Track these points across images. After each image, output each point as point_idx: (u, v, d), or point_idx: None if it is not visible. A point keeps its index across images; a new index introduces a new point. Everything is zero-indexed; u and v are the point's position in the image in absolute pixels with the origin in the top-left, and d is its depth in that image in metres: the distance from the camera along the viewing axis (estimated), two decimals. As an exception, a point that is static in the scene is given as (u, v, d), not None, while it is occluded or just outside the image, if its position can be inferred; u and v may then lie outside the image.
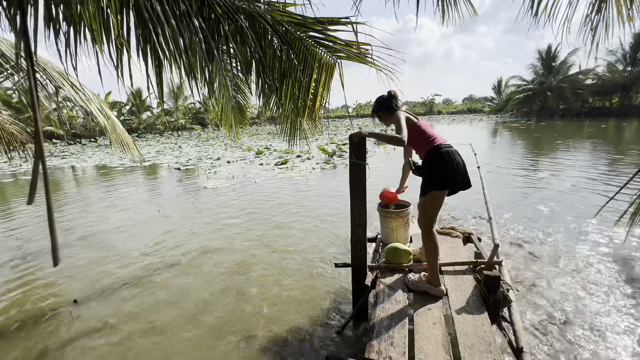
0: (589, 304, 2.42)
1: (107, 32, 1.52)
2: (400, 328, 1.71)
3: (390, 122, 2.18)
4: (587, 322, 2.22)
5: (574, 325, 2.20)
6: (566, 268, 2.93)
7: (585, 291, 2.57)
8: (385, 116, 2.20)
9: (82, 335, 2.35)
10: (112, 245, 4.00)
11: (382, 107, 2.19)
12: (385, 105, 2.18)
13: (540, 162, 8.13)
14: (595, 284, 2.66)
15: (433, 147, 1.97)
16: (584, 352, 1.97)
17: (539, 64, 28.70)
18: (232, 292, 2.81)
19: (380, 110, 2.21)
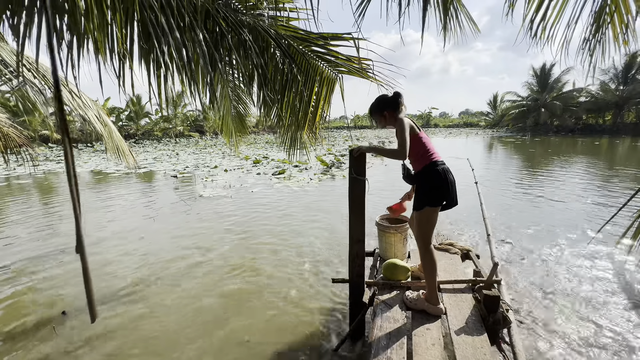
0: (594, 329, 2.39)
1: (111, 42, 1.51)
2: (398, 348, 1.67)
3: (391, 125, 2.09)
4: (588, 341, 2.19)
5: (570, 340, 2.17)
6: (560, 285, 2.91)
7: (592, 315, 2.55)
8: (389, 117, 2.08)
9: (67, 348, 2.27)
10: (104, 254, 3.91)
11: (387, 106, 2.07)
12: (392, 105, 2.07)
13: (536, 178, 8.20)
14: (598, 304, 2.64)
15: (431, 162, 1.96)
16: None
17: (534, 81, 29.36)
18: (221, 310, 2.75)
19: (385, 109, 2.08)
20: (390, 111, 2.07)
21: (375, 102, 2.15)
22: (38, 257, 3.86)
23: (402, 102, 2.08)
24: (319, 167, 10.42)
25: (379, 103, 2.12)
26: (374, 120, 2.18)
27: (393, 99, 2.08)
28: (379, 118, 2.13)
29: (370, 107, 2.17)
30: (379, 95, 2.15)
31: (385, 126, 2.14)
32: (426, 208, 1.95)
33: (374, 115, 2.16)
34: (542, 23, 2.12)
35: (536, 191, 6.61)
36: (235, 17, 2.17)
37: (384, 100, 2.11)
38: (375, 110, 2.14)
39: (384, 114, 2.09)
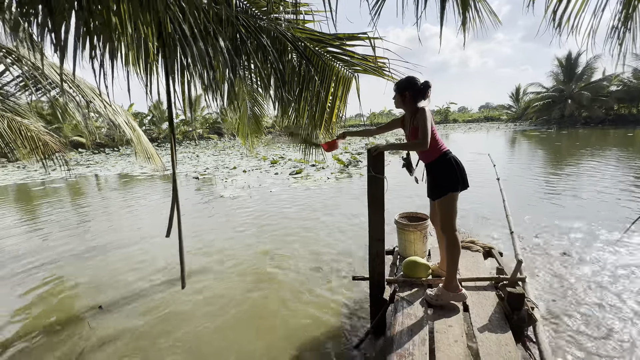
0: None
1: (144, 54, 1.61)
2: (420, 345, 1.68)
3: (406, 108, 2.11)
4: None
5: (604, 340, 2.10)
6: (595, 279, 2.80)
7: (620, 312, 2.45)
8: (408, 99, 2.07)
9: (101, 343, 2.43)
10: (138, 254, 4.12)
11: (412, 89, 2.06)
12: (417, 90, 2.06)
13: (563, 172, 7.86)
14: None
15: (443, 152, 2.05)
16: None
17: (559, 70, 28.01)
18: (249, 308, 2.85)
19: (408, 90, 2.06)
20: (412, 95, 2.06)
21: (404, 80, 2.12)
22: (72, 255, 4.12)
23: (428, 94, 2.08)
24: (335, 166, 10.44)
25: (406, 82, 2.10)
26: (394, 98, 2.17)
27: (421, 86, 2.07)
28: (399, 97, 2.12)
29: (397, 82, 2.14)
30: (410, 76, 2.13)
31: (399, 106, 2.15)
32: (449, 194, 2.03)
33: (396, 91, 2.14)
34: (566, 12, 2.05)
35: (563, 186, 6.34)
36: (254, 23, 2.24)
37: (412, 82, 2.09)
38: (400, 87, 2.12)
39: (405, 94, 2.08)
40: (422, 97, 2.07)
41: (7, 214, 6.75)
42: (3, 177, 12.55)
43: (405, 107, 2.13)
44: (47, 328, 2.64)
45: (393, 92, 2.15)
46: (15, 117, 4.26)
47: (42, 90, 3.28)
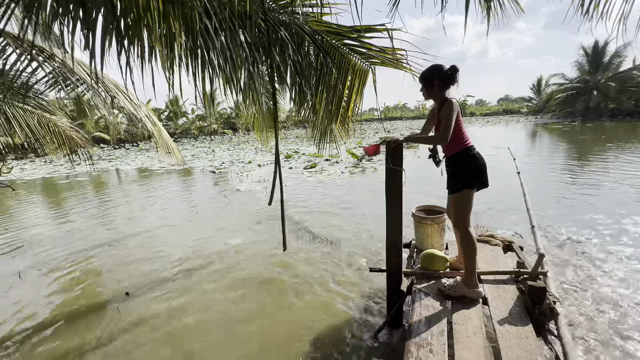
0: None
1: (171, 51, 1.67)
2: (439, 335, 1.70)
3: (434, 98, 2.04)
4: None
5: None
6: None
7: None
8: (436, 88, 1.99)
9: (131, 326, 2.56)
10: (160, 243, 4.28)
11: (440, 76, 1.98)
12: (445, 76, 1.97)
13: (587, 166, 7.56)
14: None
15: (467, 147, 2.01)
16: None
17: (584, 60, 26.70)
18: (267, 296, 2.92)
19: (436, 79, 1.98)
20: (440, 82, 1.99)
21: (429, 68, 2.04)
22: (97, 244, 4.32)
23: (456, 78, 1.99)
24: (349, 160, 10.42)
25: (432, 70, 2.02)
26: (421, 90, 2.10)
27: (448, 71, 1.99)
28: (426, 86, 2.05)
29: (422, 73, 2.07)
30: (435, 64, 2.05)
31: (428, 97, 2.07)
32: (465, 190, 2.01)
33: (423, 82, 2.07)
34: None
35: (587, 180, 6.11)
36: (273, 16, 2.26)
37: (438, 69, 2.01)
38: (426, 77, 2.04)
39: (433, 83, 2.01)
40: (451, 83, 1.99)
41: (36, 205, 7.12)
42: (32, 171, 13.19)
43: (434, 97, 2.06)
44: (79, 311, 2.80)
45: (422, 83, 2.07)
46: (44, 114, 4.47)
47: (71, 87, 3.43)
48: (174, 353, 2.22)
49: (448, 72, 1.99)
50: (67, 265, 3.77)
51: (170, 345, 2.31)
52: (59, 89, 3.58)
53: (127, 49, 1.73)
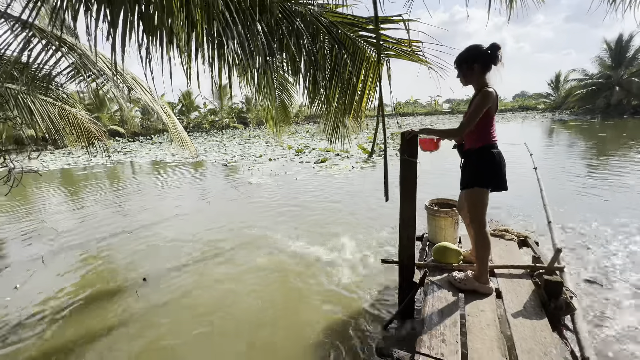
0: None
1: (190, 41, 1.70)
2: (451, 326, 1.70)
3: (474, 84, 1.85)
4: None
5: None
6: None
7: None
8: (477, 72, 1.80)
9: (150, 308, 2.64)
10: (174, 232, 4.39)
11: (481, 58, 1.78)
12: (486, 58, 1.77)
13: (608, 165, 7.32)
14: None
15: (490, 143, 1.90)
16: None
17: (606, 55, 25.68)
18: (277, 284, 2.97)
19: (476, 61, 1.79)
20: (480, 65, 1.79)
21: (466, 50, 1.84)
22: (114, 232, 4.45)
23: (499, 57, 1.79)
24: (360, 155, 10.38)
25: (469, 52, 1.82)
26: (458, 75, 1.93)
27: (489, 51, 1.77)
28: (465, 72, 1.86)
29: (459, 56, 1.87)
30: (471, 45, 1.86)
31: (466, 83, 1.90)
32: (475, 188, 1.93)
33: (459, 65, 1.88)
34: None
35: (605, 178, 5.92)
36: (289, 7, 2.26)
37: (476, 49, 1.81)
38: (463, 60, 1.84)
39: (472, 67, 1.81)
40: (493, 63, 1.80)
41: (56, 194, 7.38)
42: (51, 162, 13.64)
43: (472, 82, 1.87)
44: (99, 296, 2.91)
45: (459, 69, 1.90)
46: (64, 106, 4.60)
47: (91, 77, 3.52)
48: (189, 336, 2.29)
49: (488, 51, 1.78)
50: (86, 251, 3.91)
51: (185, 327, 2.38)
52: (79, 80, 3.67)
53: (148, 38, 1.78)
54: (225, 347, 2.19)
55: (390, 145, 12.88)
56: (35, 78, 3.68)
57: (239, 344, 2.21)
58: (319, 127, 3.45)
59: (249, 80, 2.42)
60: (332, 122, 3.46)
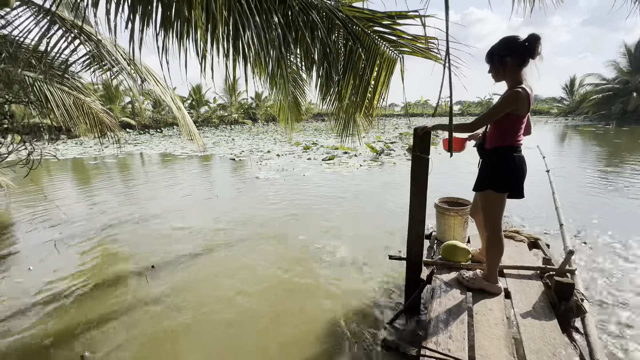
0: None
1: (206, 32, 1.71)
2: (459, 323, 1.69)
3: (507, 80, 1.71)
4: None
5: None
6: None
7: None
8: (510, 67, 1.66)
9: (160, 294, 2.69)
10: (182, 222, 4.45)
11: (515, 51, 1.63)
12: (521, 51, 1.62)
13: (623, 171, 7.16)
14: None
15: (512, 145, 1.75)
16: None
17: (624, 60, 25.03)
18: (282, 276, 2.99)
19: (509, 54, 1.65)
20: (515, 59, 1.64)
21: (499, 42, 1.69)
22: (125, 220, 4.53)
23: (537, 50, 1.62)
24: (368, 154, 10.34)
25: (503, 44, 1.67)
26: (490, 70, 1.78)
27: (527, 43, 1.61)
28: (497, 66, 1.71)
29: (491, 48, 1.73)
30: (507, 36, 1.70)
31: (498, 79, 1.75)
32: (488, 191, 1.84)
33: (492, 60, 1.73)
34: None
35: (619, 182, 5.79)
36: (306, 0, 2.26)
37: (511, 41, 1.65)
38: (496, 53, 1.69)
39: (505, 61, 1.67)
40: (530, 56, 1.65)
41: (68, 182, 7.53)
42: (64, 152, 13.91)
43: (506, 78, 1.71)
44: (109, 282, 2.97)
45: (491, 63, 1.76)
46: (79, 95, 4.68)
47: (107, 67, 3.57)
48: (196, 320, 2.33)
49: (525, 43, 1.62)
50: (97, 238, 3.99)
51: (193, 312, 2.41)
52: (94, 69, 3.72)
53: (166, 26, 1.80)
54: (233, 334, 2.22)
55: (399, 145, 12.80)
56: (52, 66, 3.75)
57: (243, 335, 2.24)
58: (328, 124, 3.43)
59: (263, 71, 2.43)
60: (343, 118, 3.46)
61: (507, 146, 1.77)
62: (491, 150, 1.84)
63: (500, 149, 1.79)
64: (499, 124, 1.76)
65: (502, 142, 1.78)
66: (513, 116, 1.70)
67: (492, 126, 1.82)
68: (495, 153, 1.82)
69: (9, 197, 6.00)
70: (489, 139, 1.85)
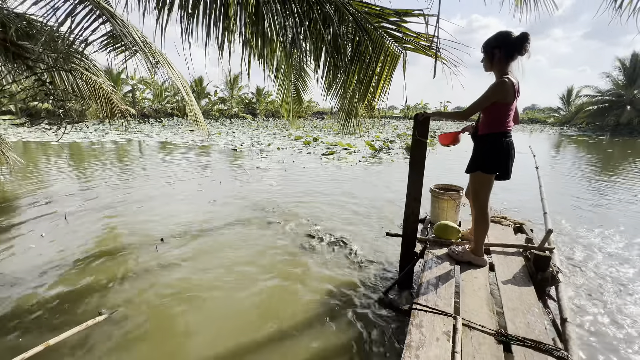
0: None
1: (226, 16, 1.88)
2: (447, 287, 1.90)
3: (495, 71, 1.90)
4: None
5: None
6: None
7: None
8: (498, 60, 1.84)
9: (168, 263, 2.86)
10: (190, 202, 4.61)
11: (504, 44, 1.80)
12: (510, 45, 1.79)
13: (607, 177, 7.45)
14: None
15: (501, 132, 1.92)
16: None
17: (620, 74, 25.57)
18: (281, 255, 3.18)
19: (499, 46, 1.82)
20: (503, 52, 1.82)
21: (494, 35, 1.88)
22: (131, 201, 4.68)
23: (525, 48, 1.80)
24: (367, 151, 10.55)
25: (496, 37, 1.85)
26: (482, 60, 1.97)
27: (516, 40, 1.78)
28: (487, 55, 1.90)
29: (486, 40, 1.92)
30: (502, 30, 1.87)
31: (488, 69, 1.94)
32: (478, 172, 2.02)
33: (485, 51, 1.91)
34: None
35: (603, 188, 6.07)
36: (320, -8, 2.44)
37: (503, 35, 1.82)
38: (487, 44, 1.89)
39: (494, 52, 1.85)
40: (517, 53, 1.82)
41: (75, 164, 7.63)
42: (65, 137, 13.91)
43: (494, 69, 1.90)
44: (120, 249, 3.13)
45: (484, 53, 1.94)
46: (92, 76, 4.82)
47: (121, 48, 3.72)
48: (202, 285, 2.51)
49: (515, 40, 1.79)
50: (106, 215, 4.14)
51: (199, 278, 2.60)
52: (109, 50, 3.86)
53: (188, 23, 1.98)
54: (235, 297, 2.40)
55: (397, 144, 13.03)
56: (73, 44, 3.88)
57: (244, 298, 2.42)
58: (327, 123, 3.63)
59: (271, 61, 2.61)
60: (346, 109, 3.64)
61: (497, 132, 1.95)
62: (483, 136, 2.02)
63: (491, 135, 1.98)
64: (489, 112, 1.93)
65: (492, 129, 1.96)
66: (500, 104, 1.88)
67: (483, 115, 2.01)
68: (487, 139, 2.00)
69: (16, 173, 6.11)
70: (481, 126, 2.03)
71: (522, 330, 1.54)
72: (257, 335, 2.02)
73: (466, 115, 1.98)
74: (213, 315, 2.22)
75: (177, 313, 2.23)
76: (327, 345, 1.96)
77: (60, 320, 2.11)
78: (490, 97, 1.87)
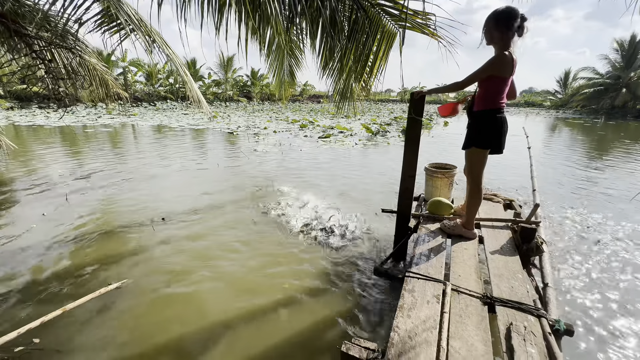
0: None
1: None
2: (439, 257, 2.01)
3: (495, 46, 1.94)
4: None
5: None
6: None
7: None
8: (498, 36, 1.89)
9: (163, 241, 2.96)
10: (181, 182, 4.67)
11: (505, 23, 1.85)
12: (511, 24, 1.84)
13: (597, 159, 7.61)
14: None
15: (496, 108, 1.99)
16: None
17: (617, 56, 25.41)
18: (279, 233, 3.28)
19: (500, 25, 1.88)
20: (506, 29, 1.87)
21: (493, 13, 1.92)
22: (130, 181, 4.73)
23: (525, 28, 1.88)
24: (363, 134, 10.58)
25: (497, 15, 1.89)
26: (483, 32, 1.99)
27: (516, 19, 1.84)
28: (489, 29, 1.94)
29: (492, 12, 1.94)
30: (502, 9, 1.91)
31: (488, 43, 1.99)
32: (473, 148, 2.10)
33: (486, 24, 1.95)
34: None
35: (601, 178, 6.22)
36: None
37: (507, 13, 1.86)
38: (490, 21, 1.92)
39: (499, 27, 1.89)
40: (510, 32, 1.87)
41: (70, 148, 7.59)
42: (56, 120, 13.70)
43: (494, 43, 1.95)
44: (122, 227, 3.22)
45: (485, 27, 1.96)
46: (84, 56, 4.74)
47: (116, 28, 3.66)
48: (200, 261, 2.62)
49: (516, 19, 1.84)
50: (108, 191, 4.20)
51: (198, 252, 2.70)
52: (104, 29, 3.80)
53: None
54: (233, 270, 2.52)
55: (394, 127, 13.03)
56: (67, 24, 3.81)
57: (242, 271, 2.54)
58: (323, 106, 3.65)
59: (264, 37, 2.60)
60: (342, 92, 3.65)
61: (492, 109, 2.02)
62: (478, 113, 2.09)
63: (486, 111, 2.04)
64: (485, 86, 1.99)
65: (487, 105, 2.02)
66: (497, 78, 1.92)
67: (479, 89, 2.06)
68: (482, 114, 2.06)
69: (10, 156, 6.08)
70: (477, 102, 2.08)
71: (506, 293, 1.67)
72: (262, 301, 2.14)
73: (463, 85, 2.02)
74: (225, 278, 2.34)
75: (187, 282, 2.34)
76: (331, 307, 2.09)
77: (67, 293, 2.21)
78: (487, 69, 1.91)
